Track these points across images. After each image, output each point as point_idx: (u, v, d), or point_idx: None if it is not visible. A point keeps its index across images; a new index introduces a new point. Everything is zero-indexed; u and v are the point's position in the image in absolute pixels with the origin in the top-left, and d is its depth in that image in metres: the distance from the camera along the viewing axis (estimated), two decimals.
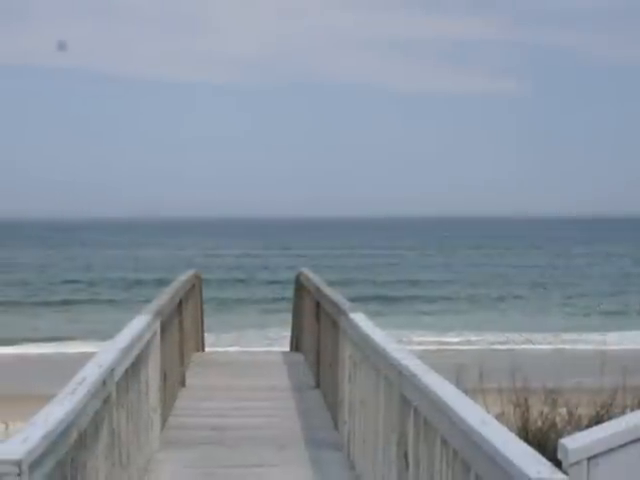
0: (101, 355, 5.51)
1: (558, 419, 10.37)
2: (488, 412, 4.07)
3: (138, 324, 7.12)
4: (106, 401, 5.11)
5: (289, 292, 18.34)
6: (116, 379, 5.48)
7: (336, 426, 8.84)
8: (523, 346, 29.00)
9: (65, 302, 44.48)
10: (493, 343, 29.80)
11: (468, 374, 10.38)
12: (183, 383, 11.07)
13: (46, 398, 4.31)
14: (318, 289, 11.01)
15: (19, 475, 3.17)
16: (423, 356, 5.58)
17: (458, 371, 9.50)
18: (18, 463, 3.18)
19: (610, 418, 8.42)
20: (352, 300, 8.89)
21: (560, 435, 8.55)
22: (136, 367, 6.61)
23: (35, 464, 3.34)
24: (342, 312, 8.24)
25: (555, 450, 5.34)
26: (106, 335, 10.27)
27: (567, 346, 29.43)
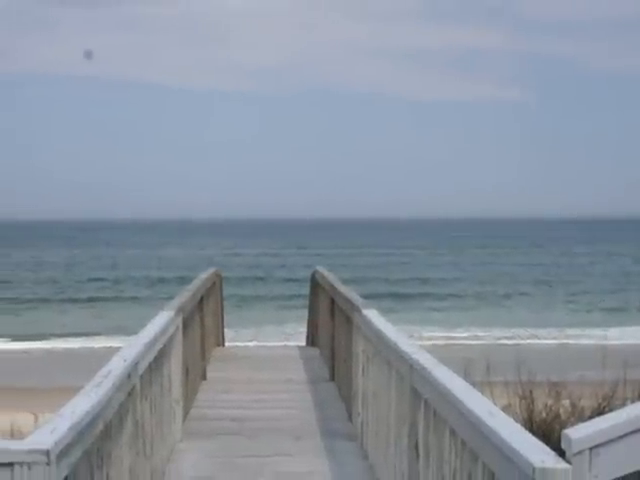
0: (126, 350, 5.61)
1: (562, 410, 10.36)
2: (495, 404, 4.12)
3: (161, 320, 7.21)
4: (130, 394, 5.21)
5: (305, 289, 18.46)
6: (140, 372, 5.56)
7: (350, 417, 8.94)
8: (528, 341, 29.11)
9: (91, 299, 44.83)
10: (500, 338, 29.90)
11: (476, 368, 10.43)
12: (204, 376, 11.21)
13: (73, 390, 4.39)
14: (333, 287, 11.07)
15: (48, 464, 3.24)
16: (432, 351, 5.65)
17: (466, 365, 9.56)
18: (47, 453, 3.25)
19: (611, 410, 8.53)
20: (365, 297, 8.95)
21: (564, 426, 8.63)
22: (159, 361, 6.69)
23: (63, 454, 3.42)
24: (356, 308, 8.32)
25: (559, 440, 5.45)
26: (130, 331, 10.49)
27: (570, 341, 29.52)
